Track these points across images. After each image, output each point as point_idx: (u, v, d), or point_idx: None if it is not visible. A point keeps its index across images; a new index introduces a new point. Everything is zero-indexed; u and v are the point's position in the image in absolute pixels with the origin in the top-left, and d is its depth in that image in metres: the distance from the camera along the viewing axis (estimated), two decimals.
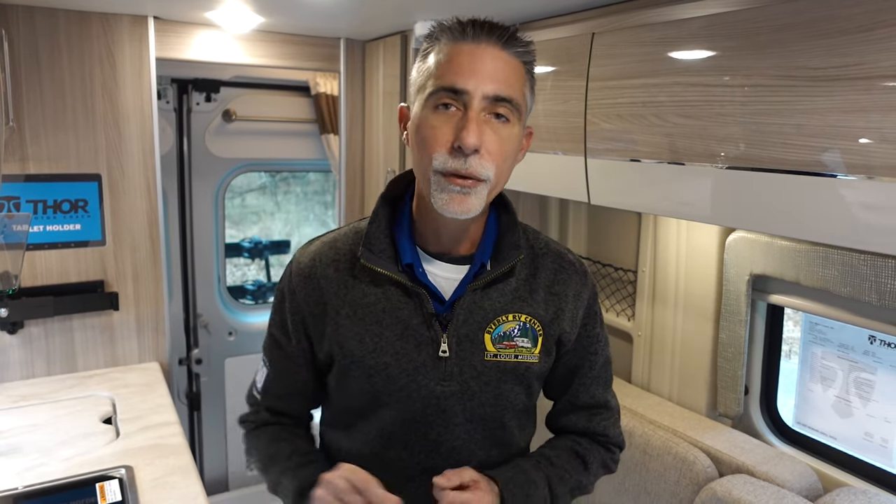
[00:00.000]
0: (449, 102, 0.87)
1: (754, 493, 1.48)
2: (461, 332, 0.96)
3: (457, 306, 0.96)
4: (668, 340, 2.02)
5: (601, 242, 2.34)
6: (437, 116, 0.88)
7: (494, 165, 0.88)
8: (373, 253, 0.97)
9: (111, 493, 1.37)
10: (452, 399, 0.97)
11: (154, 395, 1.88)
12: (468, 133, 0.84)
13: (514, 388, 1.00)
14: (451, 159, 0.86)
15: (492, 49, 0.88)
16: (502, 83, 0.87)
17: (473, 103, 0.86)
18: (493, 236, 1.00)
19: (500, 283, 0.98)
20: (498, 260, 0.98)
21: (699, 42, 1.23)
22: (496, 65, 0.87)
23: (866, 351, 1.60)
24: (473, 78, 0.86)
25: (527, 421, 1.09)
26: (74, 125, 1.93)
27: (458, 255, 0.99)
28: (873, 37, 0.95)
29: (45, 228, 1.94)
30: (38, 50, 1.86)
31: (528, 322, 0.99)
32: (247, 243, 5.33)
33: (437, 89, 0.87)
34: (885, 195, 0.98)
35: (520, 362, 0.99)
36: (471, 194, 0.87)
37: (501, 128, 0.89)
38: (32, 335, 1.96)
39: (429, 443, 0.99)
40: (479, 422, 0.99)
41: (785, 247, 1.61)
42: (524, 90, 0.92)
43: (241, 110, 2.98)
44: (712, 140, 1.22)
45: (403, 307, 0.96)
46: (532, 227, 1.09)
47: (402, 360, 0.96)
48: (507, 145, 0.90)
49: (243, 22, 1.97)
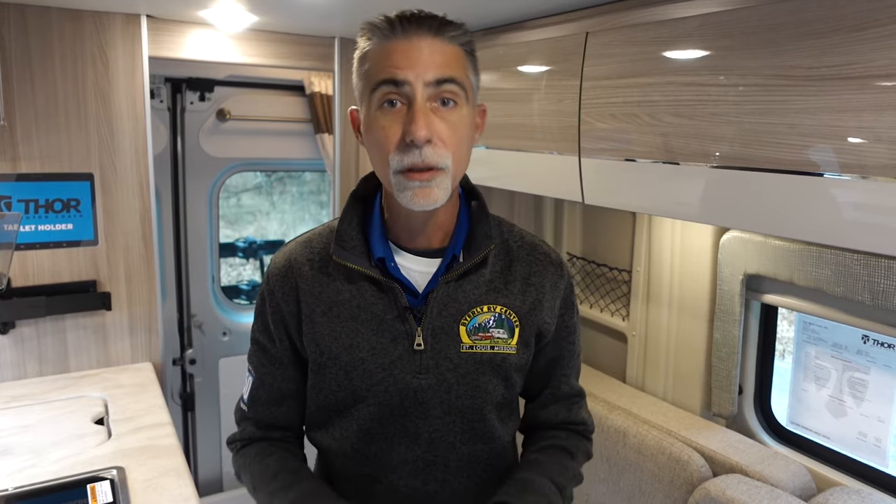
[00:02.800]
0: (393, 98, 0.87)
1: (748, 493, 1.48)
2: (436, 324, 0.96)
3: (431, 299, 0.96)
4: (662, 340, 2.02)
5: (596, 242, 2.34)
6: (384, 115, 0.88)
7: (450, 153, 0.88)
8: (345, 249, 0.97)
9: (102, 494, 1.36)
10: (429, 392, 0.97)
11: (147, 395, 1.87)
12: (416, 126, 0.85)
13: (492, 380, 1.00)
14: (405, 156, 0.87)
15: (425, 39, 0.87)
16: (441, 66, 0.87)
17: (417, 94, 0.86)
18: (465, 228, 1.01)
19: (474, 275, 0.99)
20: (470, 251, 0.98)
21: (693, 41, 1.23)
22: (432, 52, 0.87)
23: (860, 350, 1.61)
24: (412, 69, 0.86)
25: (508, 415, 1.08)
26: (67, 124, 1.92)
27: (430, 248, 0.99)
28: (866, 36, 0.95)
29: (37, 228, 1.92)
30: (29, 48, 1.85)
31: (504, 313, 0.99)
32: (241, 243, 5.32)
33: (378, 84, 0.88)
34: (878, 194, 0.98)
35: (496, 353, 0.99)
36: (432, 185, 0.88)
37: (450, 114, 0.89)
38: (24, 335, 1.94)
39: (408, 435, 0.99)
40: (457, 414, 0.99)
41: (778, 246, 1.61)
42: (466, 71, 0.92)
43: (236, 110, 2.97)
44: (706, 139, 1.22)
45: (378, 302, 0.97)
46: (507, 221, 1.09)
47: (378, 355, 0.96)
48: (460, 130, 0.90)
49: (237, 21, 1.96)
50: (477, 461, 1.03)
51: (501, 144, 1.83)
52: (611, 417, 1.89)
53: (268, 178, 6.03)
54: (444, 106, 0.88)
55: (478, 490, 1.04)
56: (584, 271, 2.38)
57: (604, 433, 1.88)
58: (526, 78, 1.70)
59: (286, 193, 6.28)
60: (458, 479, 1.02)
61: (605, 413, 1.91)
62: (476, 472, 1.04)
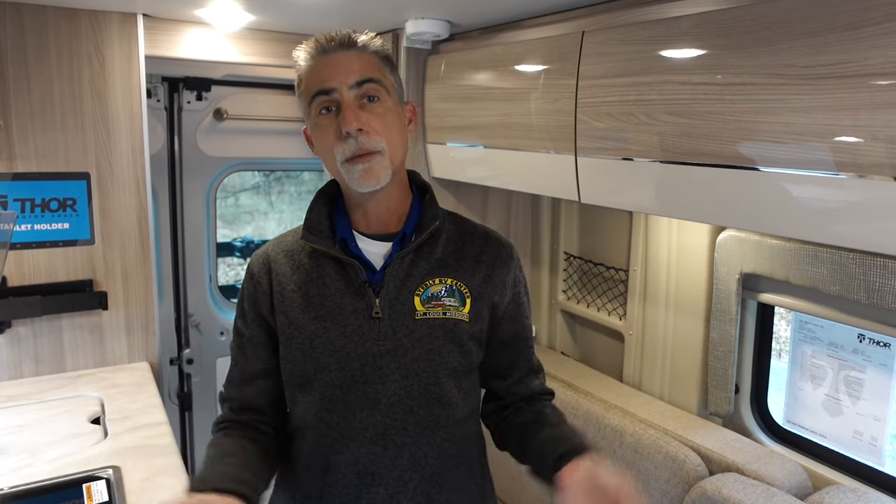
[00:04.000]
0: (327, 104, 1.04)
1: (744, 492, 1.48)
2: (392, 296, 1.08)
3: (387, 273, 1.08)
4: (659, 339, 2.02)
5: (593, 241, 2.34)
6: (322, 120, 1.05)
7: (382, 138, 1.04)
8: (312, 234, 1.12)
9: (98, 493, 1.36)
10: (387, 357, 1.06)
11: (143, 395, 1.87)
12: (347, 119, 1.01)
13: (446, 345, 1.08)
14: (345, 146, 1.02)
15: (342, 53, 1.05)
16: (360, 71, 1.04)
17: (344, 96, 1.03)
18: (416, 214, 1.14)
19: (426, 253, 1.11)
20: (419, 230, 1.11)
21: (689, 40, 1.23)
22: (349, 61, 1.05)
23: (856, 349, 1.61)
24: (335, 78, 1.03)
25: (469, 387, 1.15)
26: (63, 123, 1.92)
27: (388, 232, 1.13)
28: (861, 35, 0.95)
29: (33, 227, 1.92)
30: (25, 47, 1.84)
31: (454, 285, 1.11)
32: (239, 242, 5.32)
33: (313, 96, 1.05)
34: (874, 193, 0.98)
35: (448, 318, 1.09)
36: (372, 165, 1.03)
37: (375, 107, 1.05)
38: (20, 335, 1.94)
39: (368, 401, 1.06)
40: (413, 377, 1.07)
41: (775, 245, 1.61)
42: (383, 71, 1.08)
43: (233, 109, 2.96)
44: (702, 138, 1.22)
45: (341, 279, 1.09)
46: (462, 215, 1.23)
47: (340, 324, 1.07)
48: (387, 119, 1.05)
49: (234, 20, 1.96)
50: (435, 426, 1.08)
51: (498, 144, 1.83)
52: (607, 416, 1.89)
53: (266, 178, 6.02)
54: (370, 101, 1.05)
55: (438, 456, 1.09)
56: (580, 270, 2.38)
57: (600, 432, 1.89)
58: (522, 77, 1.70)
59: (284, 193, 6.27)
60: (418, 444, 1.07)
61: (601, 412, 1.91)
62: (436, 439, 1.08)
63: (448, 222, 1.17)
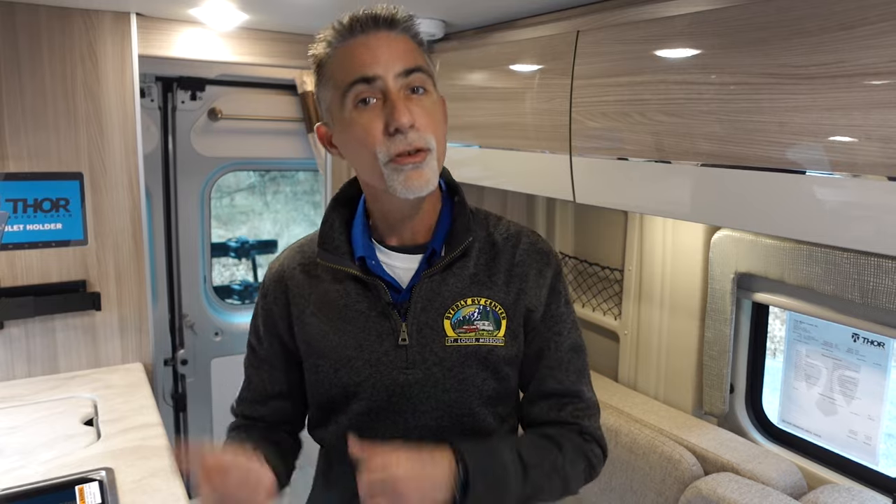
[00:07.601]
0: (367, 95, 0.90)
1: (739, 492, 1.48)
2: (420, 319, 0.97)
3: (414, 294, 0.98)
4: (654, 339, 2.02)
5: (588, 241, 2.34)
6: (361, 114, 0.90)
7: (432, 135, 0.91)
8: (327, 251, 1.00)
9: (91, 495, 1.35)
10: (416, 387, 0.97)
11: (137, 396, 1.86)
12: (399, 113, 0.87)
13: (480, 373, 0.98)
14: (392, 144, 0.89)
15: (383, 35, 0.91)
16: (406, 57, 0.91)
17: (389, 85, 0.89)
18: (446, 223, 1.02)
19: (457, 269, 0.99)
20: (451, 245, 0.99)
21: (683, 40, 1.23)
22: (393, 45, 0.91)
23: (850, 349, 1.61)
24: (379, 64, 0.89)
25: (507, 412, 1.05)
26: (55, 123, 1.90)
27: (415, 244, 1.01)
28: (855, 34, 0.95)
29: (26, 228, 1.91)
30: (17, 46, 1.83)
31: (489, 305, 0.99)
32: (233, 243, 5.30)
33: (351, 84, 0.90)
34: (868, 192, 0.98)
35: (481, 345, 0.98)
36: (423, 166, 0.90)
37: (423, 99, 0.92)
38: (13, 336, 1.93)
39: (398, 431, 0.99)
40: (445, 409, 0.99)
41: (769, 245, 1.61)
42: (426, 59, 0.95)
43: (227, 109, 2.95)
44: (697, 138, 1.22)
45: (363, 300, 0.99)
46: (496, 214, 1.09)
47: (365, 352, 0.98)
48: (435, 114, 0.94)
49: (228, 19, 1.95)
50: None
51: (493, 143, 1.82)
52: (603, 416, 1.89)
53: (261, 178, 6.01)
54: (416, 94, 0.91)
55: None
56: (576, 270, 2.38)
57: None
58: (517, 77, 1.70)
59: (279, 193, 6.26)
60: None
61: None
62: None
63: (478, 227, 1.03)
